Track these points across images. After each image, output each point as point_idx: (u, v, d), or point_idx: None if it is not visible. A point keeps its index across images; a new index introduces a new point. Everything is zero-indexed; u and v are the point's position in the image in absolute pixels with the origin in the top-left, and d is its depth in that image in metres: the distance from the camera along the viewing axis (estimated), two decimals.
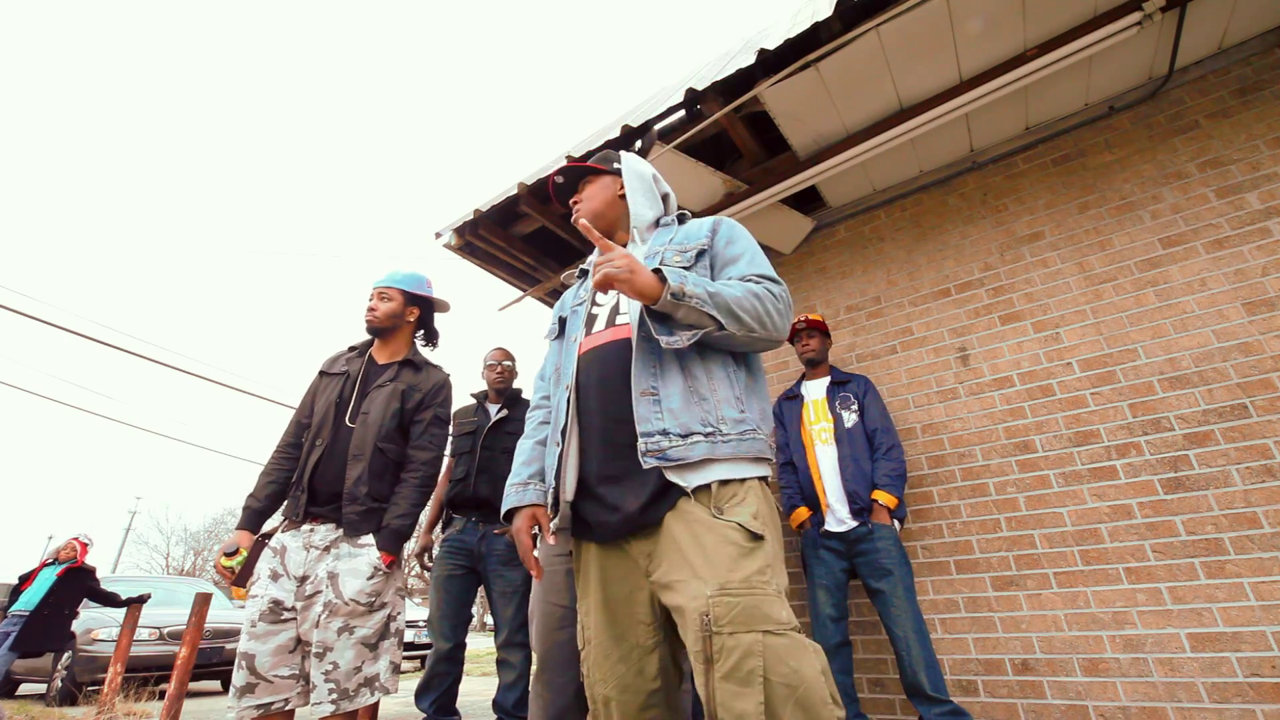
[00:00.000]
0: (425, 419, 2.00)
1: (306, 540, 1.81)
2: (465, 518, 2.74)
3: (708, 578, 0.93)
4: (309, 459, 1.89)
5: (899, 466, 2.29)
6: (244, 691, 1.64)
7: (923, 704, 1.98)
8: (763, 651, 0.87)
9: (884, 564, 2.13)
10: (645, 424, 1.06)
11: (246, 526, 1.90)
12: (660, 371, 1.12)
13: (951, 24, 2.30)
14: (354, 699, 1.65)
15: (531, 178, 3.19)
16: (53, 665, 5.75)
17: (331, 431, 1.93)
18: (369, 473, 1.86)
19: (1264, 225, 2.16)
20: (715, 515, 1.00)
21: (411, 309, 2.12)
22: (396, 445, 1.94)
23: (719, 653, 0.88)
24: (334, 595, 1.71)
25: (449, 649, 2.57)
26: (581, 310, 1.34)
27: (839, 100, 2.64)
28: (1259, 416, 1.98)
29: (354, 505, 1.82)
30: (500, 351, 3.08)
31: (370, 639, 1.72)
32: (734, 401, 1.13)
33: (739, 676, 0.87)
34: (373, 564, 1.78)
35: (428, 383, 2.06)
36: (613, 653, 1.08)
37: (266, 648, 1.68)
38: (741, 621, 0.89)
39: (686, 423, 1.06)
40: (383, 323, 2.06)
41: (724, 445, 1.06)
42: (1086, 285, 2.42)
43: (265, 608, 1.72)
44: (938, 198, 2.95)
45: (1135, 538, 2.05)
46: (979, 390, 2.52)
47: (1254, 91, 2.34)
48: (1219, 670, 1.82)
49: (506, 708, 2.49)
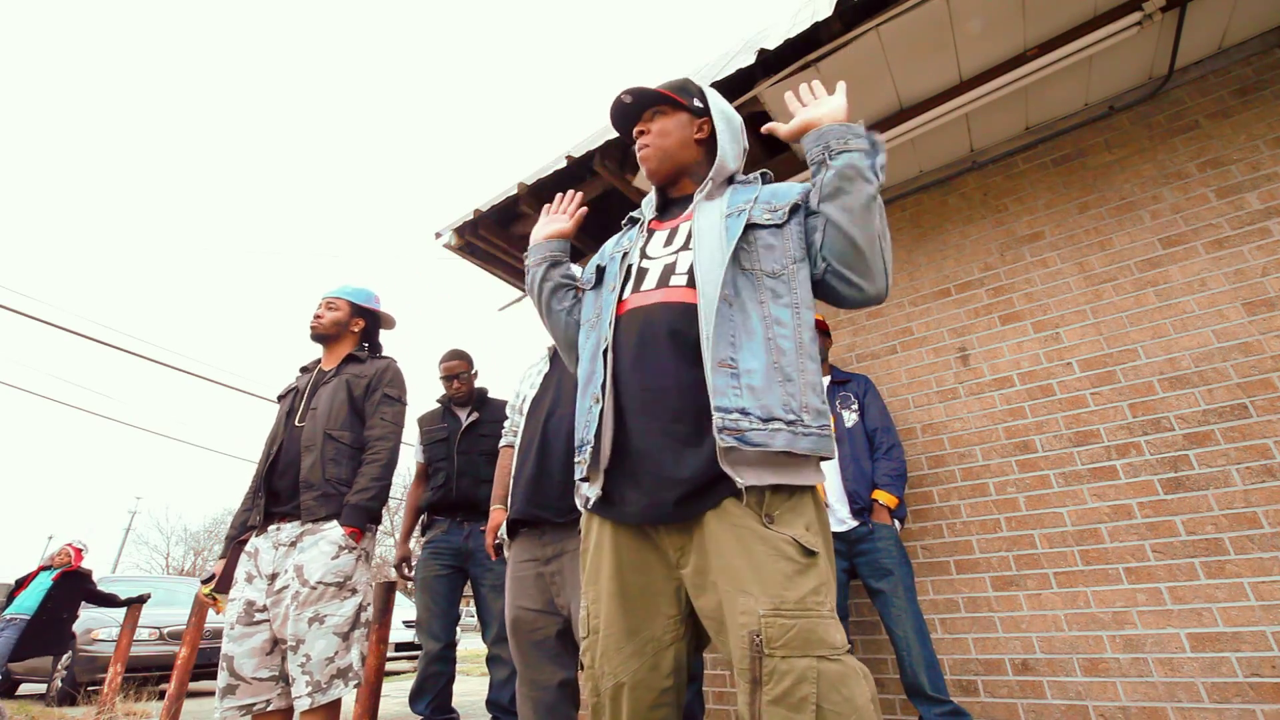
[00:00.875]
0: (375, 399, 2.04)
1: (275, 539, 1.84)
2: (449, 519, 2.73)
3: (758, 594, 0.86)
4: (266, 463, 1.94)
5: (899, 466, 2.29)
6: (226, 693, 1.68)
7: (923, 704, 1.98)
8: (816, 678, 0.82)
9: (884, 564, 2.13)
10: (722, 397, 0.94)
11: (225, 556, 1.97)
12: (739, 341, 0.99)
13: (951, 24, 2.30)
14: (327, 691, 1.66)
15: (531, 178, 3.19)
16: (53, 665, 5.75)
17: (284, 435, 1.98)
18: (322, 458, 1.89)
19: (1264, 225, 2.16)
20: (766, 524, 0.91)
21: (357, 320, 2.19)
22: (350, 432, 1.97)
23: (769, 675, 0.83)
24: (300, 584, 1.72)
25: (440, 649, 2.57)
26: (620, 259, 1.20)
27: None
28: (1259, 416, 1.98)
29: (311, 492, 1.85)
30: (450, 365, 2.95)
31: (342, 628, 1.73)
32: (818, 389, 1.01)
33: (790, 703, 0.82)
34: (336, 541, 1.79)
35: (371, 369, 2.10)
36: (625, 646, 1.00)
37: (243, 649, 1.71)
38: (796, 646, 0.84)
39: (769, 405, 0.95)
40: (327, 329, 2.12)
41: (804, 439, 0.95)
42: (1086, 285, 2.42)
43: (241, 610, 1.75)
44: (938, 198, 2.95)
45: (1135, 538, 2.05)
46: (979, 390, 2.52)
47: (1254, 91, 2.34)
48: (1219, 670, 1.82)
49: (502, 704, 2.48)
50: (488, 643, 2.59)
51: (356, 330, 2.19)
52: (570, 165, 2.99)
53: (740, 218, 1.10)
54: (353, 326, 2.17)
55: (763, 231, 1.10)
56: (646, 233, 1.24)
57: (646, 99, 1.26)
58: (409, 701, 2.59)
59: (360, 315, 2.19)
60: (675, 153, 1.23)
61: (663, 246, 1.18)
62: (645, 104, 1.27)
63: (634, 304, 1.11)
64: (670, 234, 1.19)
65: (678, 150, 1.23)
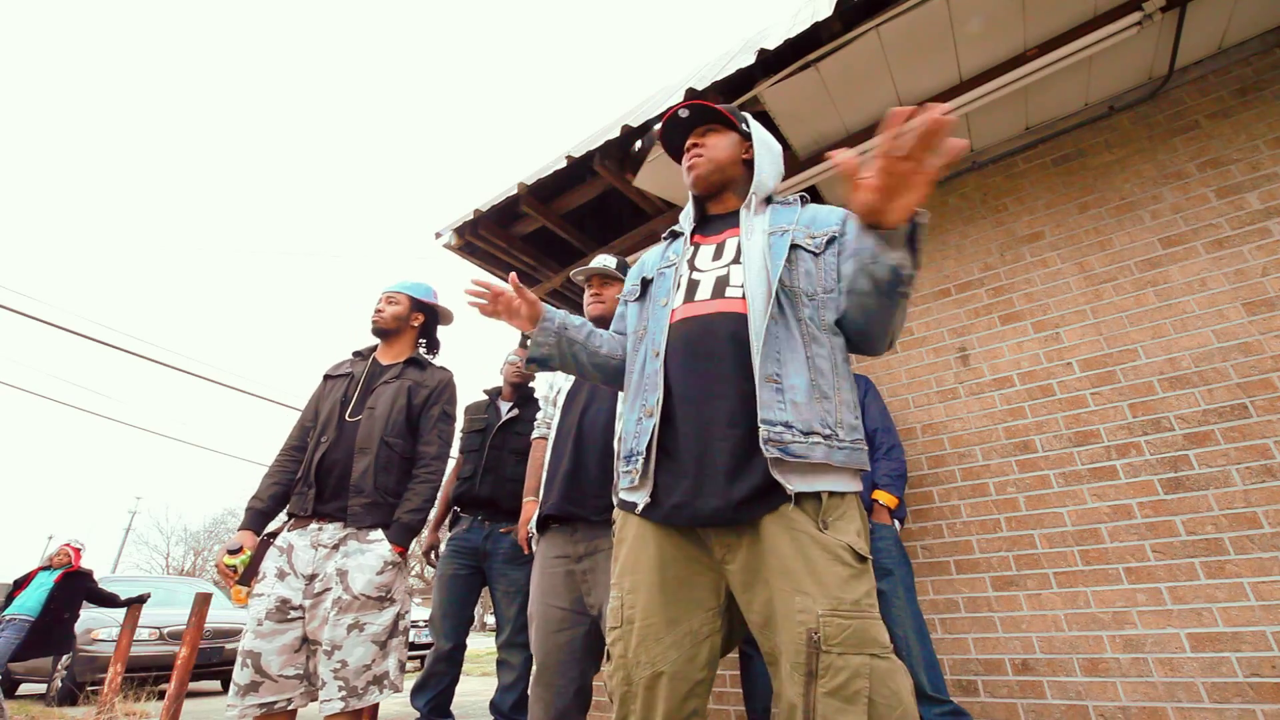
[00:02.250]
0: (434, 415, 2.03)
1: (315, 539, 1.80)
2: (471, 517, 2.73)
3: (816, 595, 0.92)
4: (314, 455, 1.90)
5: (899, 466, 2.28)
6: (248, 690, 1.63)
7: (923, 704, 1.98)
8: (869, 673, 0.89)
9: (884, 564, 2.13)
10: (769, 410, 1.00)
11: (250, 527, 1.89)
12: (784, 358, 1.05)
13: (951, 24, 2.30)
14: (363, 697, 1.64)
15: (531, 178, 3.19)
16: (53, 665, 5.76)
17: (337, 428, 1.93)
18: (375, 465, 1.87)
19: (1264, 225, 2.16)
20: (821, 529, 0.97)
21: (416, 315, 2.17)
22: (403, 440, 1.95)
23: (825, 669, 0.90)
24: (343, 591, 1.70)
25: (449, 649, 2.56)
26: (670, 273, 1.24)
27: (839, 100, 2.64)
28: (1259, 416, 1.98)
29: (360, 497, 1.82)
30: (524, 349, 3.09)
31: (380, 636, 1.72)
32: (853, 406, 1.08)
33: (845, 695, 0.88)
34: (383, 557, 1.78)
35: (433, 380, 2.09)
36: (665, 636, 1.03)
37: (272, 646, 1.68)
38: (852, 644, 0.90)
39: (809, 419, 1.01)
40: (388, 324, 2.10)
41: (839, 452, 1.01)
42: (1086, 285, 2.42)
43: (272, 606, 1.71)
44: (938, 198, 2.94)
45: (1135, 538, 2.05)
46: (979, 390, 2.52)
47: (1254, 91, 2.34)
48: (1219, 670, 1.82)
49: (503, 710, 2.47)
50: (499, 645, 2.58)
51: (416, 325, 2.18)
52: (570, 165, 2.99)
53: (785, 237, 1.15)
54: (412, 321, 2.16)
55: (804, 254, 1.15)
56: (692, 246, 1.28)
57: (705, 114, 1.31)
58: (410, 695, 2.58)
59: (420, 310, 2.19)
60: (725, 166, 1.28)
61: (712, 260, 1.21)
62: (701, 119, 1.32)
63: (687, 314, 1.15)
64: (718, 248, 1.23)
65: (728, 164, 1.28)
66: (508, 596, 2.56)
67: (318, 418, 2.02)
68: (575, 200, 3.38)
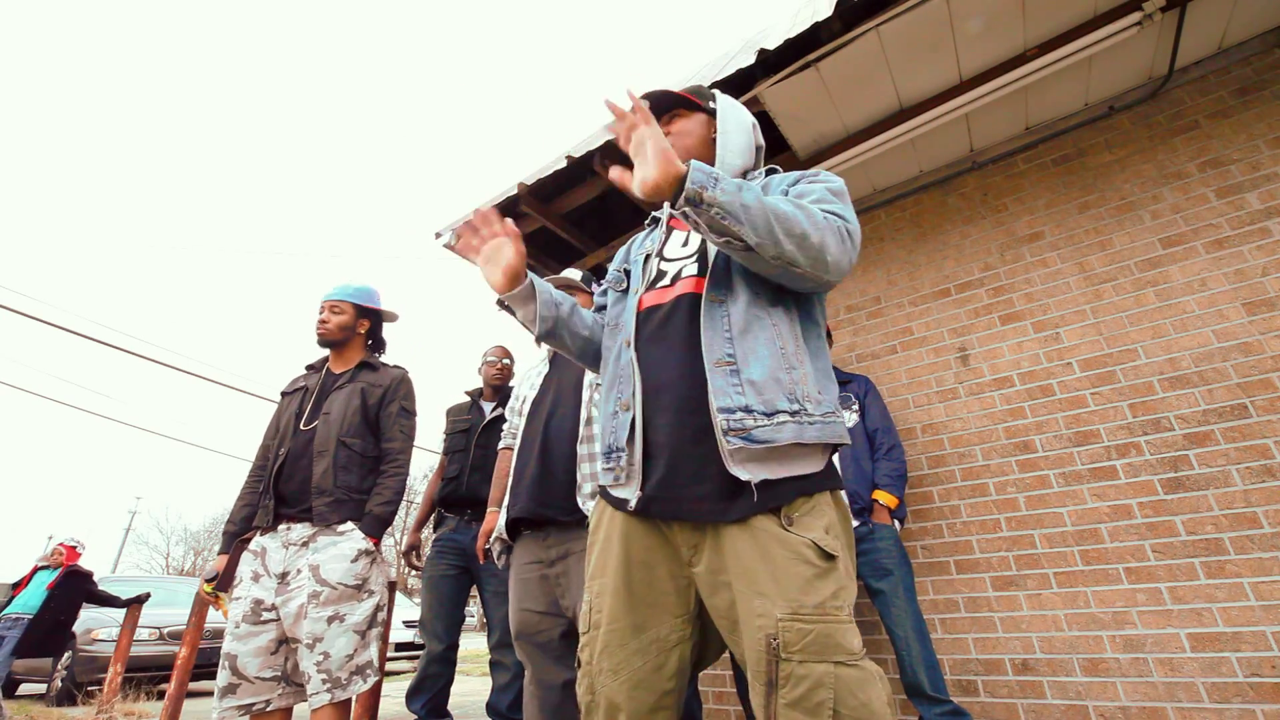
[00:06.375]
0: (392, 411, 2.05)
1: (285, 539, 1.83)
2: (458, 516, 2.73)
3: (775, 597, 0.85)
4: (274, 466, 1.93)
5: (899, 467, 2.28)
6: (226, 692, 1.68)
7: (923, 704, 1.98)
8: (834, 683, 0.82)
9: (884, 564, 2.13)
10: (723, 398, 0.93)
11: (226, 552, 1.95)
12: (736, 335, 0.98)
13: (951, 24, 2.30)
14: (347, 688, 1.68)
15: (531, 178, 3.19)
16: (53, 665, 5.75)
17: (293, 437, 1.97)
18: (335, 465, 1.89)
19: (1264, 225, 2.16)
20: (785, 526, 0.90)
21: (362, 321, 2.18)
22: (362, 440, 1.98)
23: (786, 679, 0.83)
24: (318, 584, 1.73)
25: (441, 650, 2.56)
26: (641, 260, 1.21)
27: (839, 100, 2.64)
28: (1259, 416, 1.98)
29: (323, 497, 1.85)
30: (500, 349, 3.09)
31: (360, 626, 1.75)
32: (824, 375, 1.01)
33: (807, 706, 0.82)
34: (357, 547, 1.81)
35: (387, 379, 2.11)
36: (630, 643, 0.97)
37: (248, 648, 1.71)
38: (814, 651, 0.83)
39: (771, 398, 0.93)
40: (334, 335, 2.12)
41: (810, 428, 0.93)
42: (1086, 285, 2.42)
43: (247, 609, 1.74)
44: (938, 198, 2.94)
45: (1135, 538, 2.05)
46: (979, 390, 2.52)
47: (1254, 91, 2.34)
48: (1219, 670, 1.82)
49: (501, 710, 2.47)
50: (490, 646, 2.58)
51: (362, 331, 2.19)
52: (570, 165, 2.99)
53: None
54: (359, 328, 2.17)
55: None
56: (666, 231, 1.26)
57: (666, 101, 1.27)
58: (405, 698, 2.58)
59: (365, 316, 2.20)
60: (695, 150, 1.23)
61: (682, 246, 1.18)
62: (664, 107, 1.28)
63: (651, 302, 1.11)
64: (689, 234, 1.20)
65: (697, 148, 1.23)
66: (497, 597, 2.54)
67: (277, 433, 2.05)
68: (575, 200, 3.38)
